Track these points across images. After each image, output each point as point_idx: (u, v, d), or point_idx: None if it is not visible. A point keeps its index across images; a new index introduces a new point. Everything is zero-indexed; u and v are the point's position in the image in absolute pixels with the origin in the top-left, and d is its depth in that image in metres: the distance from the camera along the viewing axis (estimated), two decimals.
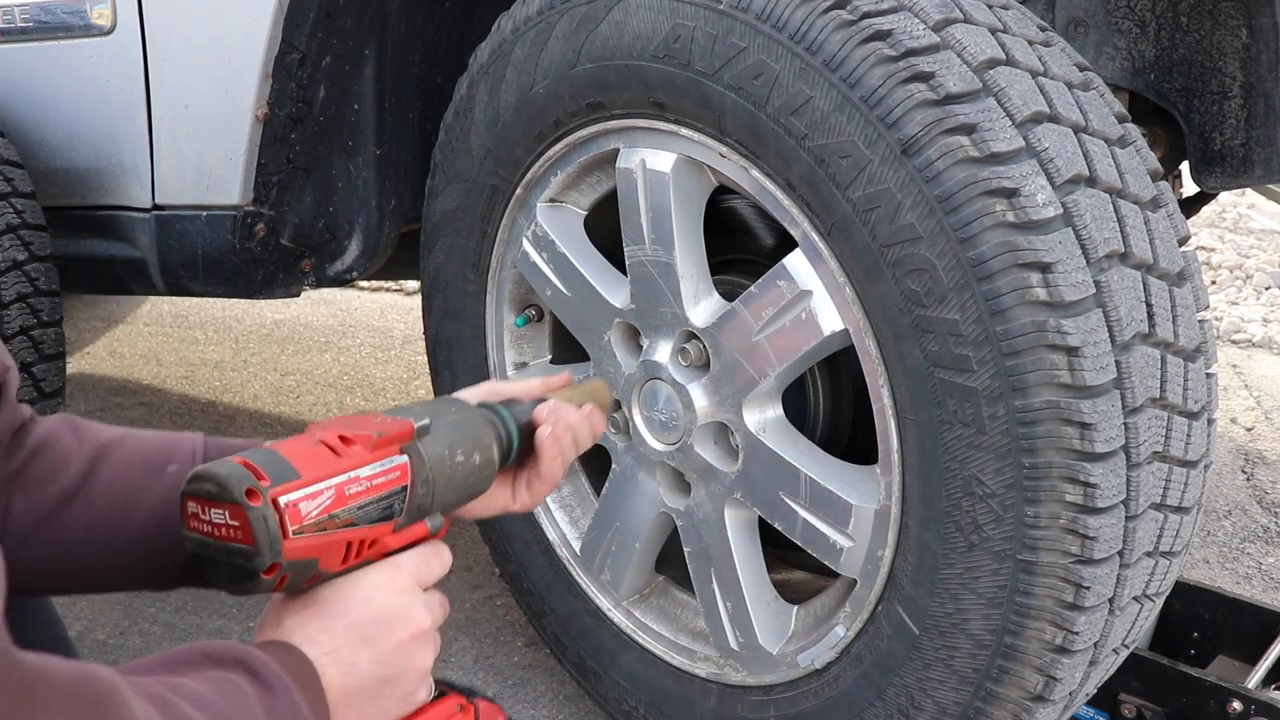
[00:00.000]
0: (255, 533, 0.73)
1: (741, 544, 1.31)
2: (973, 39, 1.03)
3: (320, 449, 0.78)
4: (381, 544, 0.82)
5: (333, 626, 0.79)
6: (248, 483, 0.73)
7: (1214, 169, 1.41)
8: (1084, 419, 0.97)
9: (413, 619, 0.82)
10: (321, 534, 0.76)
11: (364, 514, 0.79)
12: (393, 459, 0.82)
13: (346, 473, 0.78)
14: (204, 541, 0.75)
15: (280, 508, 0.74)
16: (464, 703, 0.88)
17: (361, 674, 0.78)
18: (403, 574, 0.83)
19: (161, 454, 0.92)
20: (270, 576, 0.74)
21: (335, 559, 0.79)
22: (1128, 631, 1.13)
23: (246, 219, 1.58)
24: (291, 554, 0.74)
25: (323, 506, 0.76)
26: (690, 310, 1.27)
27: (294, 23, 1.48)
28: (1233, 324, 3.88)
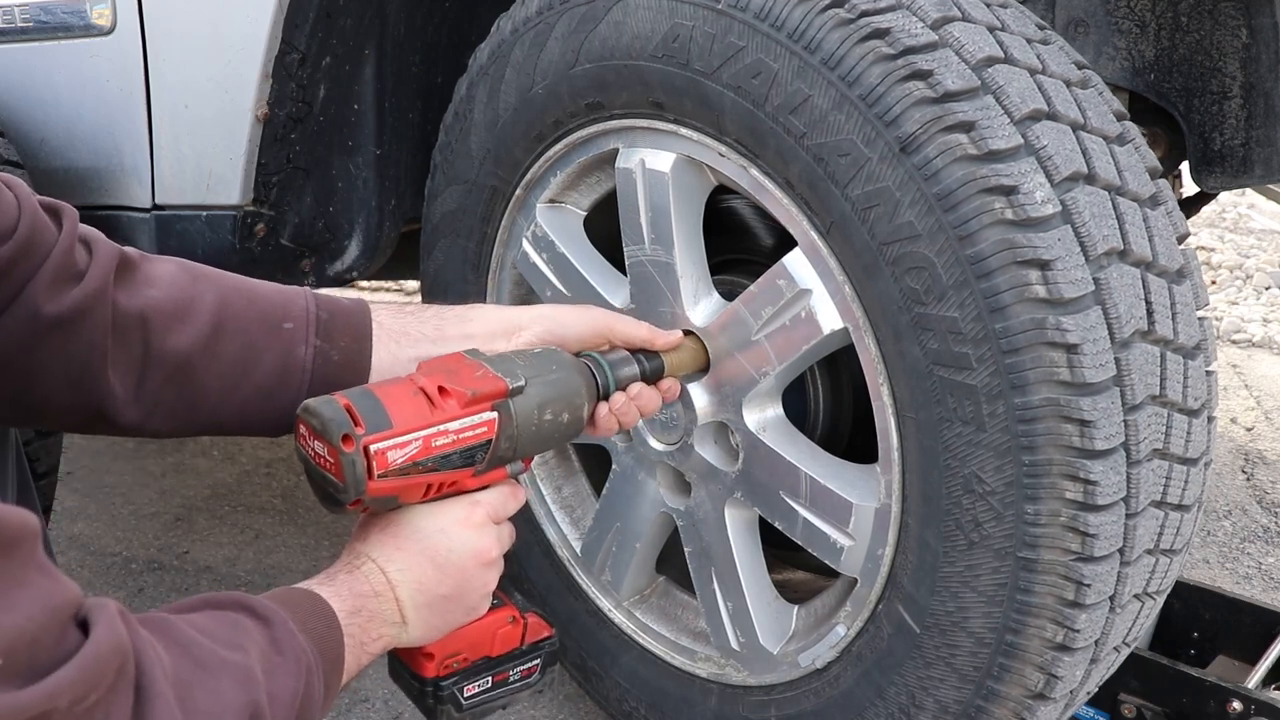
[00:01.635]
0: (345, 473, 0.83)
1: (742, 544, 1.31)
2: (971, 37, 1.03)
3: (418, 399, 0.88)
4: (461, 484, 0.92)
5: (408, 548, 0.90)
6: (345, 429, 0.84)
7: (1214, 169, 1.41)
8: (1084, 416, 0.97)
9: (482, 549, 0.93)
10: (404, 477, 0.86)
11: (446, 461, 0.89)
12: (483, 414, 0.90)
13: (436, 425, 0.87)
14: (308, 461, 0.87)
15: (370, 454, 0.84)
16: (516, 615, 1.01)
17: (430, 592, 0.91)
18: (479, 510, 0.94)
19: (278, 309, 1.00)
20: (355, 508, 0.86)
21: (416, 495, 0.89)
22: (1129, 629, 1.13)
23: (246, 219, 1.58)
24: (375, 493, 0.85)
25: (409, 455, 0.86)
26: (690, 310, 1.27)
27: (294, 23, 1.48)
28: (1233, 324, 3.87)
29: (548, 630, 1.02)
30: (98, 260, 0.92)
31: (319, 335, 1.00)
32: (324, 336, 1.00)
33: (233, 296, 0.98)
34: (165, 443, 2.78)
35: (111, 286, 0.92)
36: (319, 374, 0.99)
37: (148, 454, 2.70)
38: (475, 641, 0.97)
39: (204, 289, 0.97)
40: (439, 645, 0.95)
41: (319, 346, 0.99)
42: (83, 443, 2.74)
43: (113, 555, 2.18)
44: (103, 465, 2.62)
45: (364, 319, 1.04)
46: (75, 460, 2.61)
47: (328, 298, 1.04)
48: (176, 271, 0.97)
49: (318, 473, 0.87)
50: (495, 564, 0.96)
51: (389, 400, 0.86)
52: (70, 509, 2.37)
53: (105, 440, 2.78)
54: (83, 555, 2.18)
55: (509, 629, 0.99)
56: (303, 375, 0.99)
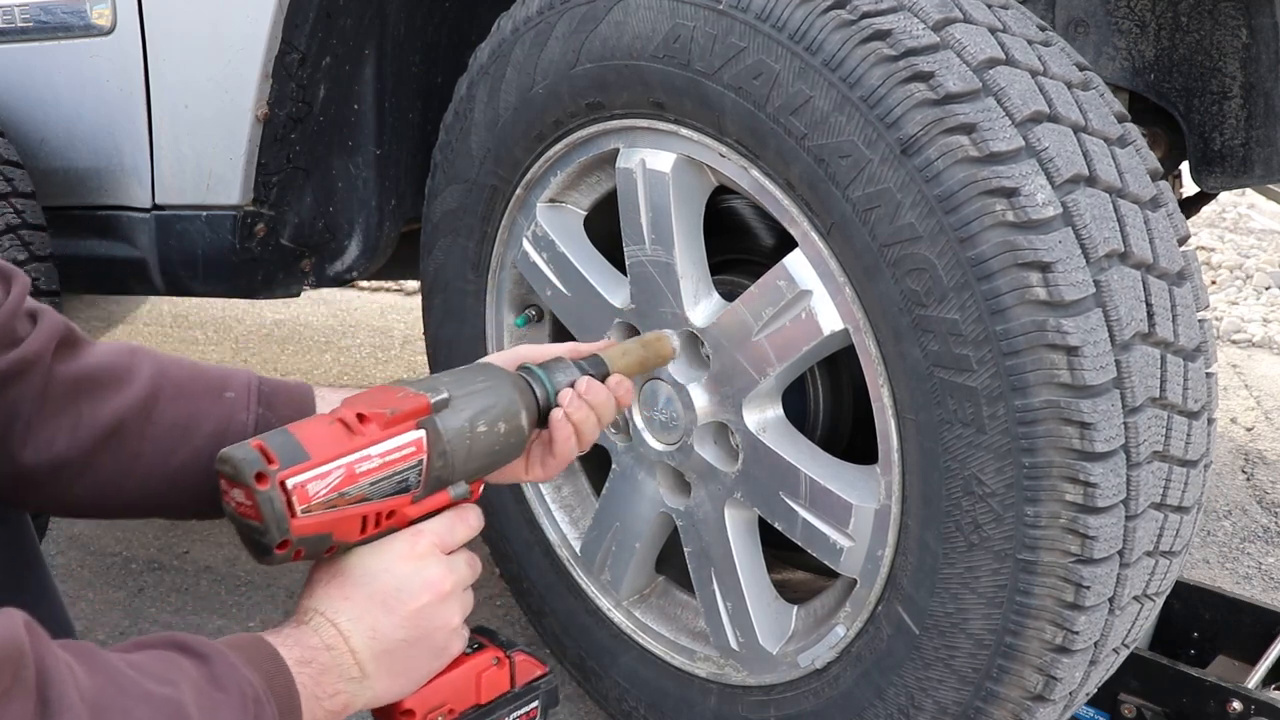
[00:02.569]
0: (263, 513, 0.79)
1: (741, 544, 1.31)
2: (972, 39, 1.03)
3: (335, 427, 0.84)
4: (401, 514, 0.86)
5: (355, 595, 0.84)
6: (257, 467, 0.79)
7: (1214, 169, 1.41)
8: (1084, 418, 0.97)
9: (433, 584, 0.87)
10: (332, 510, 0.81)
11: (377, 489, 0.84)
12: (407, 434, 0.85)
13: (357, 452, 0.83)
14: (234, 517, 0.82)
15: (288, 490, 0.79)
16: (501, 655, 0.94)
17: (387, 638, 0.84)
18: (422, 541, 0.87)
19: (219, 380, 0.98)
20: (283, 551, 0.80)
21: (352, 531, 0.84)
22: (1128, 631, 1.13)
23: (246, 219, 1.58)
24: (301, 531, 0.80)
25: (332, 485, 0.81)
26: (690, 310, 1.27)
27: (294, 23, 1.48)
28: (1233, 324, 3.87)
29: (540, 668, 0.95)
30: (40, 332, 0.89)
31: (261, 404, 0.98)
32: (266, 405, 0.98)
33: (172, 367, 0.96)
34: None
35: (50, 357, 0.89)
36: None
37: None
38: (459, 690, 0.90)
39: (142, 359, 0.95)
40: (418, 699, 0.88)
41: (261, 414, 0.97)
42: None
43: (113, 555, 2.18)
44: None
45: (307, 391, 1.02)
46: None
47: (270, 377, 1.02)
48: (116, 345, 0.95)
49: (242, 523, 0.81)
50: (453, 596, 0.88)
51: (304, 434, 0.82)
52: None
53: None
54: (83, 555, 2.18)
55: (494, 671, 0.92)
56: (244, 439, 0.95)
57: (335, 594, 0.85)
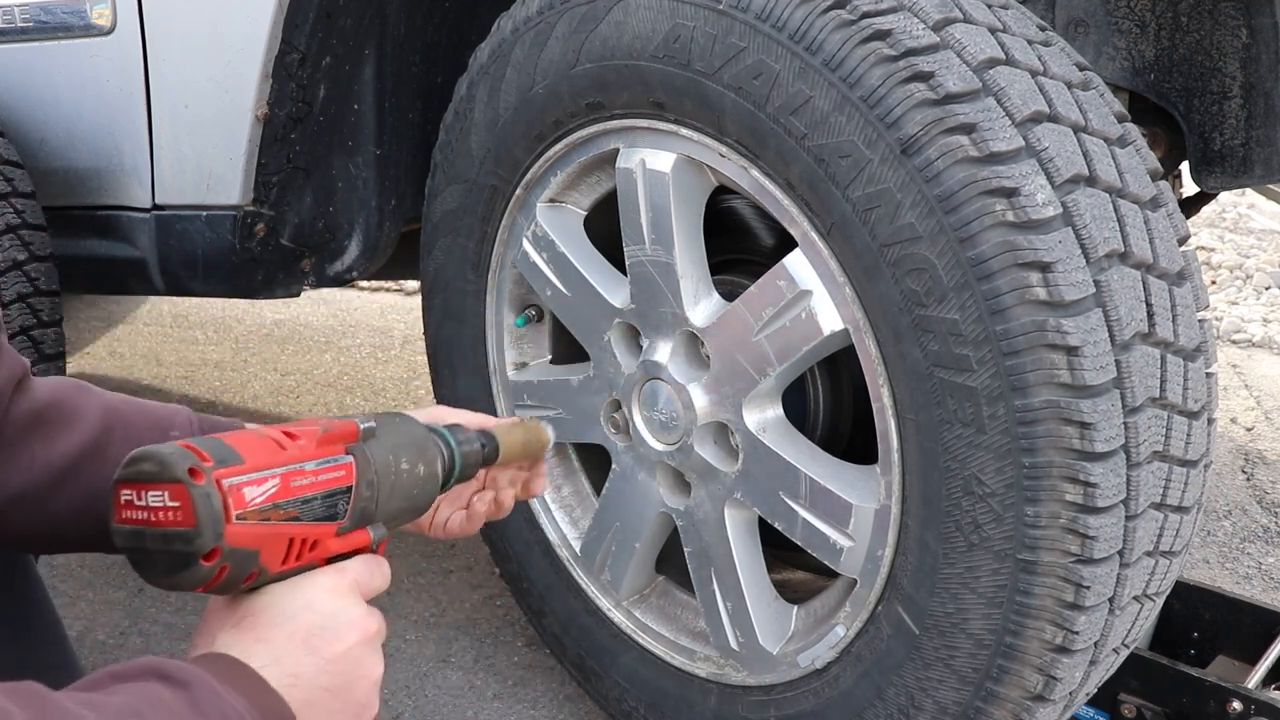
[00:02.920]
0: (198, 511, 0.69)
1: (741, 544, 1.31)
2: (972, 39, 1.03)
3: (265, 440, 0.76)
4: (324, 546, 0.79)
5: (271, 637, 0.73)
6: (190, 462, 0.70)
7: (1214, 169, 1.41)
8: (1084, 418, 0.97)
9: (359, 623, 0.77)
10: (265, 524, 0.73)
11: (308, 509, 0.76)
12: (339, 457, 0.80)
13: (292, 464, 0.75)
14: (138, 531, 0.71)
15: (224, 489, 0.70)
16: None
17: (308, 685, 0.73)
18: (346, 577, 0.79)
19: (165, 418, 0.97)
20: (210, 564, 0.70)
21: (277, 555, 0.75)
22: (1128, 631, 1.13)
23: (246, 219, 1.58)
24: (234, 540, 0.71)
25: (267, 494, 0.73)
26: (690, 310, 1.27)
27: (294, 23, 1.48)
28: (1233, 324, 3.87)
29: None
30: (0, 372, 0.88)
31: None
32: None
33: (120, 405, 0.96)
34: None
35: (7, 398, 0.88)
36: None
37: None
38: None
39: (91, 397, 0.94)
40: None
41: None
42: None
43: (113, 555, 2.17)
44: None
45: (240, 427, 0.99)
46: None
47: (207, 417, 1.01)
48: (64, 383, 0.95)
49: (154, 537, 0.70)
50: (376, 643, 0.79)
51: (234, 440, 0.74)
52: None
53: None
54: (83, 555, 2.17)
55: None
56: None
57: (247, 635, 0.73)
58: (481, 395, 1.57)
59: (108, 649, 1.80)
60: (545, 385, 1.50)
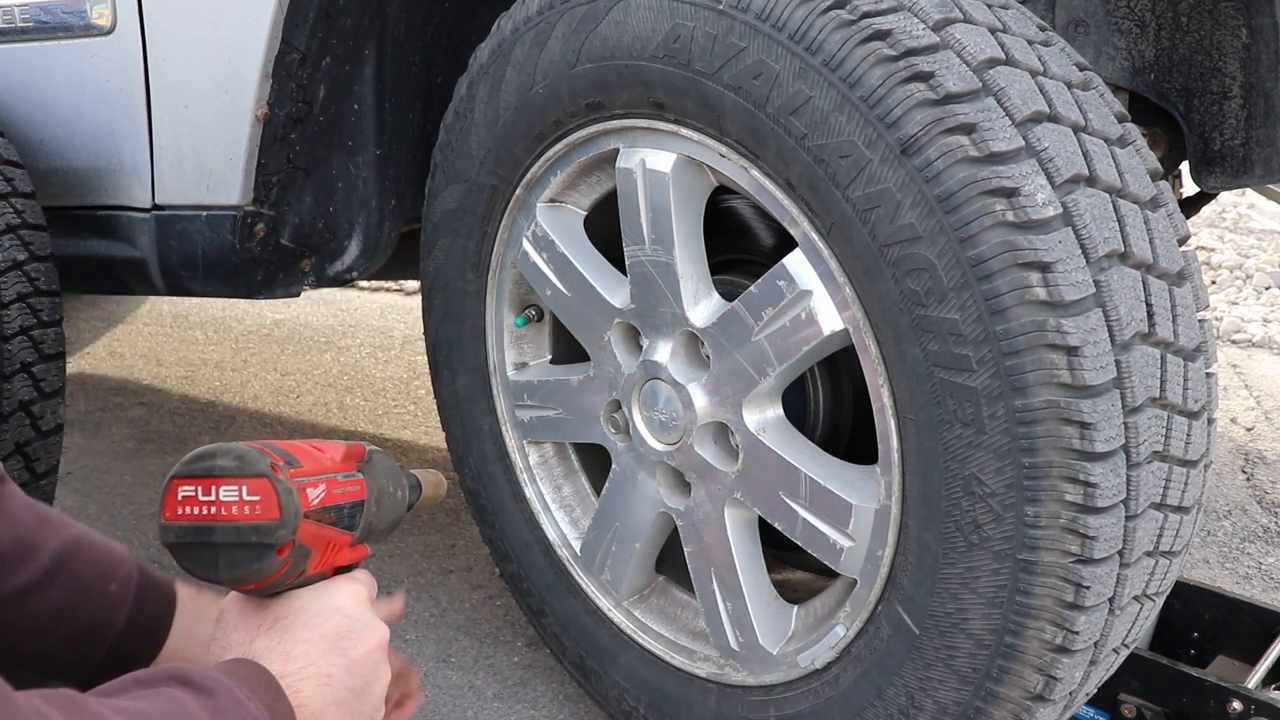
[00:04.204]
0: (281, 505, 0.72)
1: (741, 544, 1.31)
2: (972, 39, 1.03)
3: (307, 449, 0.81)
4: (341, 555, 0.83)
5: (309, 638, 0.78)
6: (269, 459, 0.75)
7: (1214, 169, 1.41)
8: (1084, 418, 0.97)
9: (377, 628, 0.83)
10: (318, 524, 0.77)
11: (341, 516, 0.81)
12: (354, 473, 0.85)
13: (331, 473, 0.81)
14: (203, 527, 0.73)
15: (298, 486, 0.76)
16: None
17: (338, 685, 0.78)
18: (364, 587, 0.85)
19: (108, 567, 0.98)
20: (282, 556, 0.74)
21: (318, 559, 0.80)
22: (1128, 631, 1.13)
23: (246, 219, 1.58)
24: (303, 536, 0.75)
25: (321, 497, 0.78)
26: (690, 310, 1.27)
27: (294, 23, 1.48)
28: (1233, 324, 3.87)
29: None
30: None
31: (136, 598, 0.99)
32: (140, 599, 1.00)
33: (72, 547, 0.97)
34: (165, 443, 2.78)
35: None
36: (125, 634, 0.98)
37: (148, 454, 2.70)
38: None
39: (49, 536, 0.95)
40: None
41: (134, 607, 0.99)
42: (83, 443, 2.74)
43: None
44: (103, 465, 2.62)
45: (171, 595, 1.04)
46: (75, 460, 2.61)
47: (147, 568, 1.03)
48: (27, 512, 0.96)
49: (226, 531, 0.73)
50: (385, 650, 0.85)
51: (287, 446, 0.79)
52: (70, 509, 2.37)
53: (105, 440, 2.78)
54: None
55: None
56: (113, 635, 0.98)
57: (286, 638, 0.78)
58: (481, 395, 1.57)
59: None
60: (545, 385, 1.50)
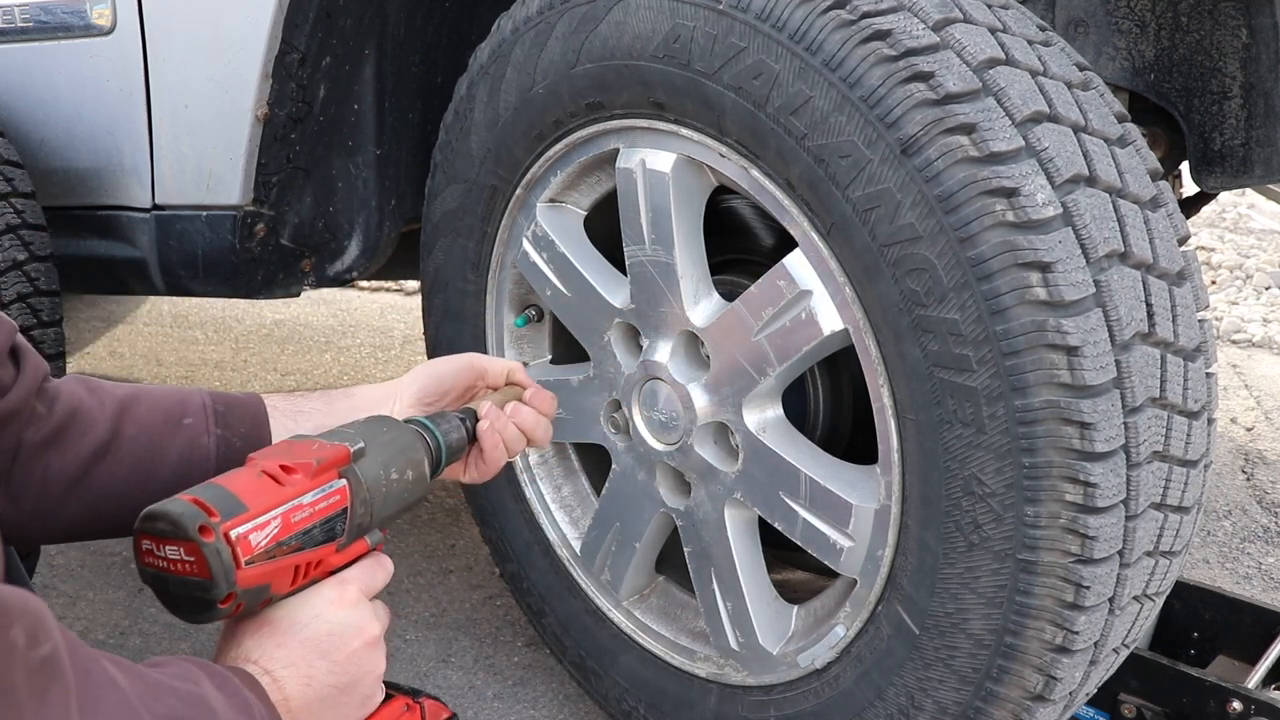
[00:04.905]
0: (210, 567, 0.77)
1: (741, 544, 1.31)
2: (972, 39, 1.03)
3: (264, 480, 0.84)
4: (326, 563, 0.87)
5: (288, 643, 0.84)
6: (200, 520, 0.77)
7: (1214, 169, 1.41)
8: (1084, 418, 0.97)
9: (363, 629, 0.87)
10: (271, 561, 0.81)
11: (309, 538, 0.84)
12: (332, 484, 0.87)
13: (290, 501, 0.83)
14: (160, 576, 0.80)
15: (232, 541, 0.78)
16: (410, 703, 0.95)
17: (320, 684, 0.84)
18: (349, 588, 0.89)
19: (176, 406, 1.00)
20: (227, 605, 0.79)
21: (285, 582, 0.84)
22: (1128, 631, 1.13)
23: (246, 219, 1.58)
24: (245, 583, 0.79)
25: (271, 535, 0.81)
26: (690, 310, 1.27)
27: (294, 23, 1.48)
28: (1233, 324, 3.87)
29: (446, 711, 0.99)
30: (24, 378, 0.92)
31: (219, 424, 1.01)
32: (223, 425, 1.02)
33: (129, 401, 0.99)
34: None
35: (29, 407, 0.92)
36: (224, 459, 1.00)
37: None
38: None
39: (102, 399, 0.98)
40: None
41: (221, 435, 1.01)
42: None
43: (113, 555, 2.18)
44: None
45: (258, 405, 1.06)
46: None
47: (220, 392, 1.05)
48: (75, 386, 0.98)
49: (176, 582, 0.79)
50: (379, 644, 0.90)
51: (235, 486, 0.82)
52: None
53: None
54: (83, 555, 2.17)
55: (407, 717, 0.95)
56: (208, 464, 0.99)
57: (267, 642, 0.84)
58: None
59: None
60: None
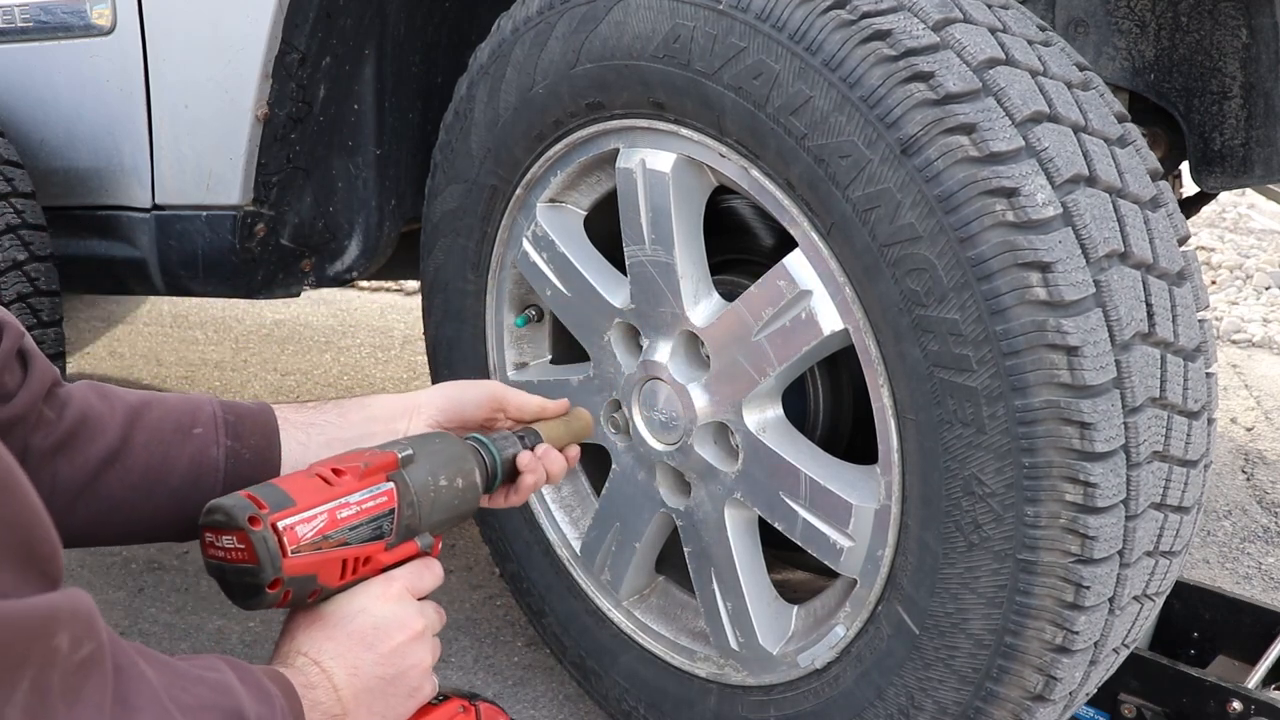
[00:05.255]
0: (258, 553, 0.85)
1: (741, 544, 1.31)
2: (972, 39, 1.03)
3: (314, 480, 0.91)
4: (376, 561, 0.94)
5: (337, 635, 0.90)
6: (250, 511, 0.86)
7: (1214, 169, 1.41)
8: (1084, 418, 0.97)
9: (407, 623, 0.92)
10: (318, 552, 0.88)
11: (355, 534, 0.91)
12: (380, 485, 0.94)
13: (337, 499, 0.90)
14: (220, 566, 0.88)
15: (279, 530, 0.86)
16: (466, 704, 1.00)
17: (367, 675, 0.89)
18: (395, 585, 0.94)
19: (186, 416, 1.01)
20: (274, 591, 0.86)
21: (333, 575, 0.90)
22: (1128, 631, 1.13)
23: (246, 219, 1.58)
24: (291, 570, 0.86)
25: (317, 529, 0.88)
26: (690, 310, 1.27)
27: (294, 23, 1.48)
28: (1233, 324, 3.87)
29: (503, 716, 1.04)
30: (31, 383, 0.91)
31: (229, 436, 1.02)
32: (233, 436, 1.02)
33: (141, 408, 0.99)
34: None
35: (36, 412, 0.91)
36: (232, 472, 1.01)
37: None
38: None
39: (113, 405, 0.97)
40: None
41: (230, 446, 1.01)
42: None
43: (113, 555, 2.18)
44: None
45: (269, 416, 1.06)
46: None
47: (231, 402, 1.06)
48: (86, 392, 0.97)
49: (232, 570, 0.87)
50: (424, 638, 0.94)
51: (287, 485, 0.90)
52: None
53: None
54: (83, 555, 2.18)
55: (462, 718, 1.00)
56: (216, 475, 1.00)
57: (317, 635, 0.90)
58: None
59: None
60: (545, 385, 1.50)
